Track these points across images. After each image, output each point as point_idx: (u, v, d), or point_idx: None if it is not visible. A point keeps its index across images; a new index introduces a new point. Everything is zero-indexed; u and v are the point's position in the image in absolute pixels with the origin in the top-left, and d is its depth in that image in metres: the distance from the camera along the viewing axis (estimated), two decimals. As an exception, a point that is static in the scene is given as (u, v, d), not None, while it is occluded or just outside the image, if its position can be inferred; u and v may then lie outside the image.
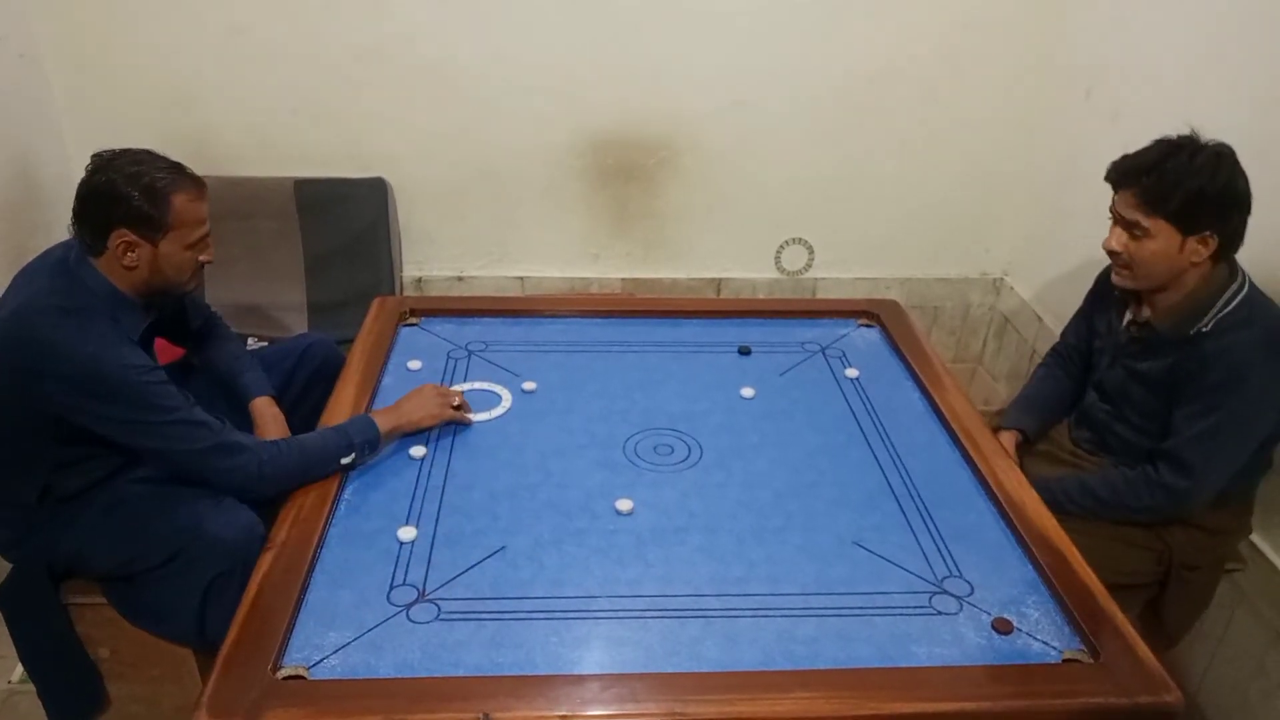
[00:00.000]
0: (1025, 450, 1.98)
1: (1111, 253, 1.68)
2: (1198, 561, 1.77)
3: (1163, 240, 1.59)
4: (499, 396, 1.92)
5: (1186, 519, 1.73)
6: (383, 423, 1.68)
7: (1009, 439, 1.96)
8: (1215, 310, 1.62)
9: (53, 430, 1.55)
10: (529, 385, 1.95)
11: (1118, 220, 1.66)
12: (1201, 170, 1.55)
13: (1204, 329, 1.62)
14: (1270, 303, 1.66)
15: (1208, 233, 1.57)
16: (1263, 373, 1.58)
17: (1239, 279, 1.64)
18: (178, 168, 1.59)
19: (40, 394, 1.49)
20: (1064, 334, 2.04)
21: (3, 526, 1.67)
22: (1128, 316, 1.79)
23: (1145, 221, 1.60)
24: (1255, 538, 1.93)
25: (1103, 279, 1.87)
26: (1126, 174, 1.63)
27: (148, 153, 1.59)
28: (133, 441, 1.55)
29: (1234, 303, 1.61)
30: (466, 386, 1.94)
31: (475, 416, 1.84)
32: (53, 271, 1.57)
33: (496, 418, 1.86)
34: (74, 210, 1.57)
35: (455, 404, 1.80)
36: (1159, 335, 1.70)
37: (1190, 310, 1.64)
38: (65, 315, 1.50)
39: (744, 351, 2.13)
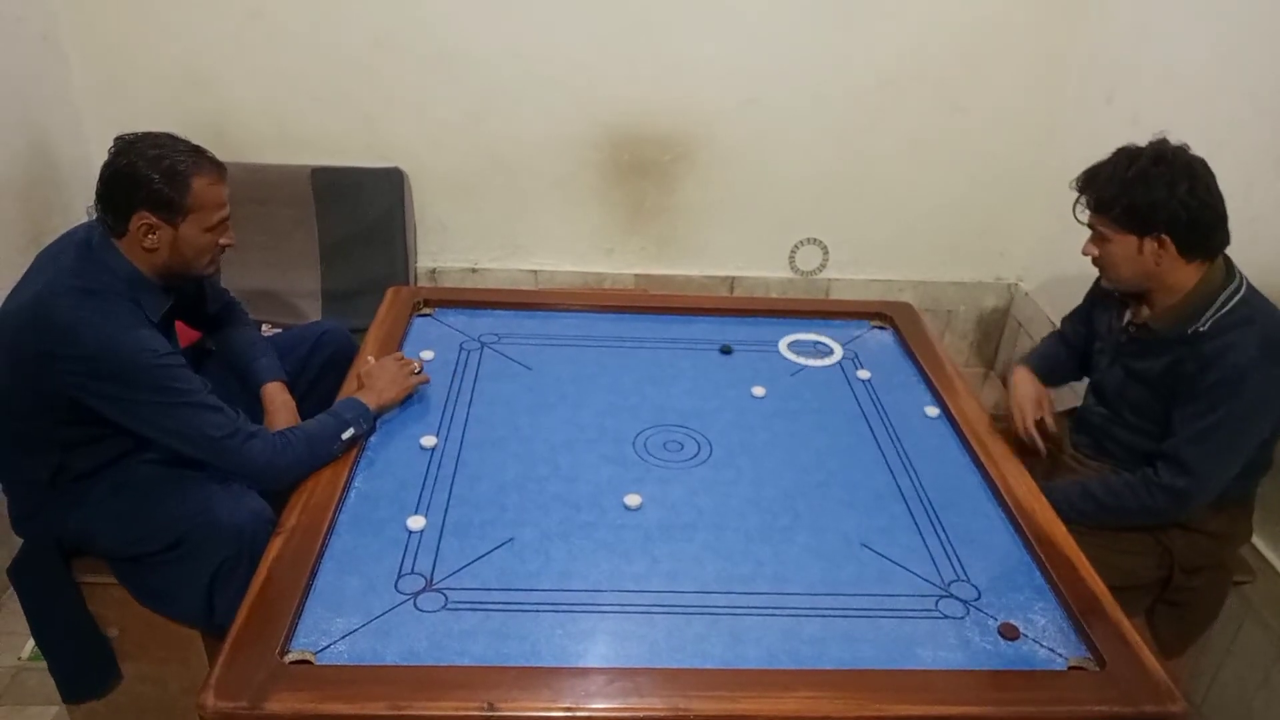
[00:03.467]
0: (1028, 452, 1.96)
1: (1092, 258, 1.76)
2: (1199, 564, 1.77)
3: (1120, 243, 1.67)
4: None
5: (1186, 523, 1.74)
6: (369, 401, 1.73)
7: (1026, 374, 2.00)
8: (1213, 311, 1.64)
9: (67, 411, 1.56)
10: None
11: (1090, 229, 1.75)
12: (1138, 177, 1.61)
13: (1201, 329, 1.64)
14: (1268, 304, 1.68)
15: (1160, 234, 1.62)
16: (1260, 373, 1.60)
17: (1236, 280, 1.66)
18: (198, 151, 1.61)
19: (58, 375, 1.50)
20: (1063, 323, 2.08)
21: (17, 502, 1.68)
22: (1127, 316, 1.81)
23: (1100, 226, 1.69)
24: (1264, 550, 1.92)
25: (1095, 290, 1.92)
26: (1082, 182, 1.72)
27: (170, 136, 1.60)
28: (148, 425, 1.56)
29: (1231, 303, 1.64)
30: None
31: None
32: (76, 253, 1.58)
33: None
34: (97, 192, 1.59)
35: (415, 370, 1.86)
36: (1157, 335, 1.72)
37: (1187, 311, 1.67)
38: (87, 297, 1.52)
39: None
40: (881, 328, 2.30)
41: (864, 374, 2.08)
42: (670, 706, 1.21)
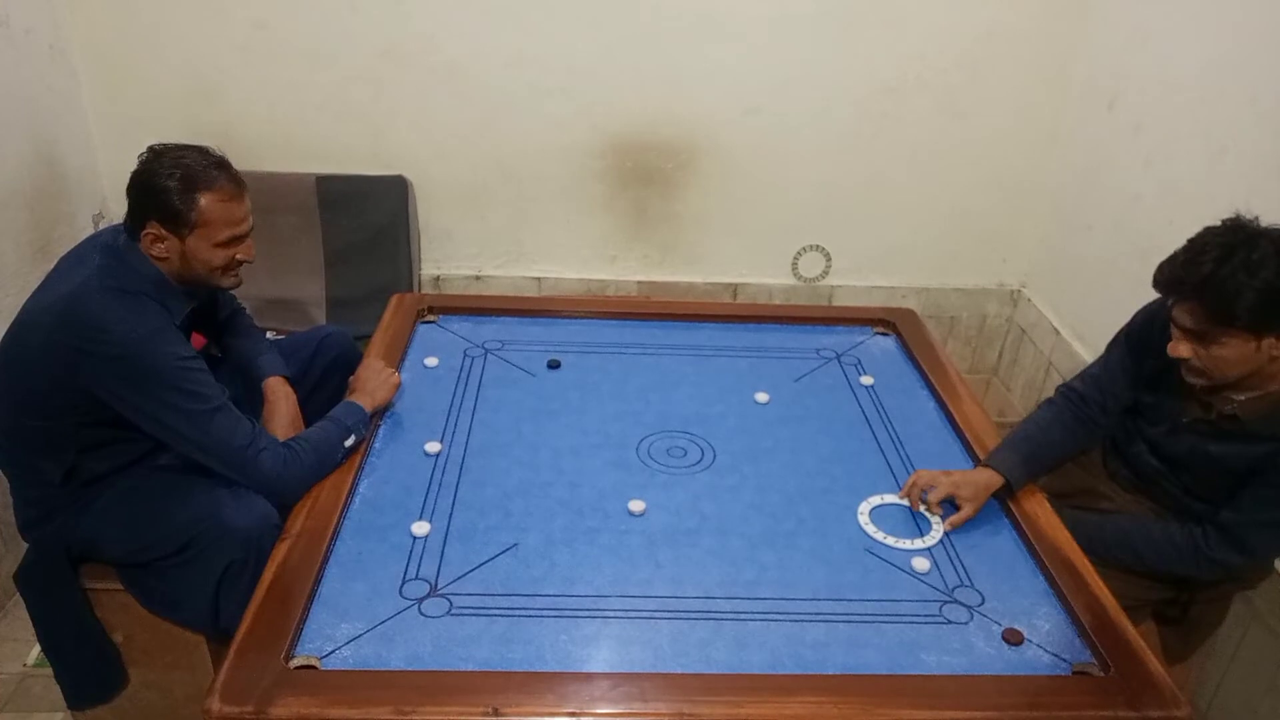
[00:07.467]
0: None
1: (1180, 360, 1.53)
2: (1212, 591, 1.76)
3: (1237, 345, 1.45)
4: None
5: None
6: (365, 405, 1.75)
7: (991, 478, 1.66)
8: None
9: (88, 412, 1.57)
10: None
11: (1181, 330, 1.50)
12: (1264, 268, 1.39)
13: None
14: None
15: None
16: None
17: None
18: (219, 166, 1.61)
19: (85, 372, 1.51)
20: (1085, 379, 1.81)
21: (26, 507, 1.69)
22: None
23: (1213, 332, 1.46)
24: (1270, 556, 1.92)
25: (1146, 335, 1.71)
26: (1181, 285, 1.46)
27: (198, 149, 1.61)
28: (165, 428, 1.56)
29: None
30: None
31: None
32: (104, 255, 1.60)
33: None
34: (126, 194, 1.61)
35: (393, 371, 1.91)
36: (1244, 427, 1.56)
37: None
38: (119, 296, 1.54)
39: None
40: (885, 334, 2.30)
41: (867, 380, 2.08)
42: (674, 711, 1.21)
